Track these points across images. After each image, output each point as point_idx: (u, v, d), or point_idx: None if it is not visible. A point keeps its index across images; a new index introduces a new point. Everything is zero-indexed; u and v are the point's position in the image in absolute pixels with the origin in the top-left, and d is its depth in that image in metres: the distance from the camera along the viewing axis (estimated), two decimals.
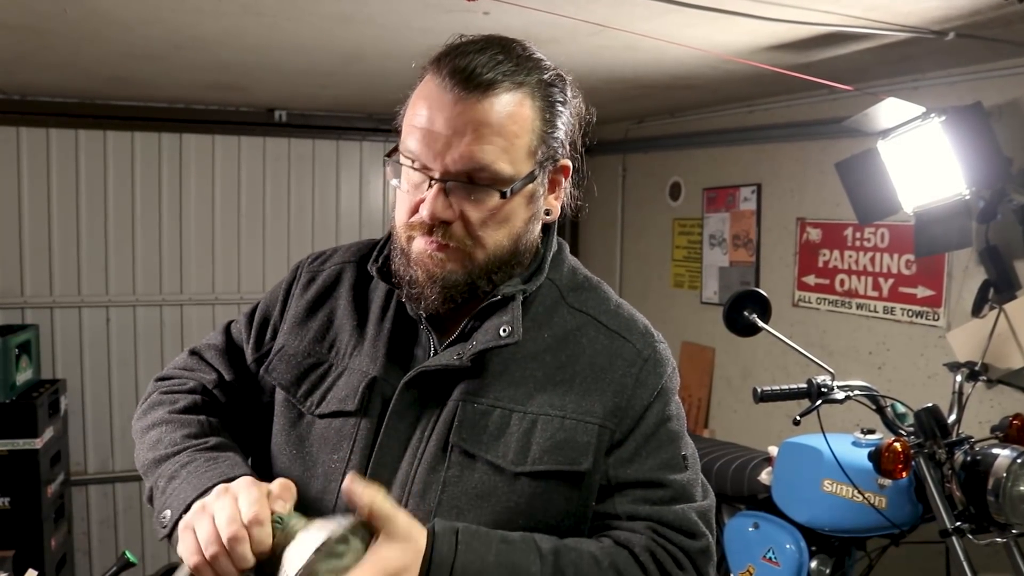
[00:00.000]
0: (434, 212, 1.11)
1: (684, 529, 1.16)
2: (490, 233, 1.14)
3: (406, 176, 1.15)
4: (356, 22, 2.48)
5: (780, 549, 2.65)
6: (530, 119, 1.13)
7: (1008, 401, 2.82)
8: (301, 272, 1.37)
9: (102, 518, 4.48)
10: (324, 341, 1.26)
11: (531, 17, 2.22)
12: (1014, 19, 2.24)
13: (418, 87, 1.16)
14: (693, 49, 2.60)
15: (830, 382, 2.34)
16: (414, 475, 1.14)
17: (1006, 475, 2.15)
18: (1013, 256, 2.81)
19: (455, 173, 1.10)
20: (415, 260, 1.16)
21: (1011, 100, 2.81)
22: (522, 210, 1.17)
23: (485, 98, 1.09)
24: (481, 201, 1.12)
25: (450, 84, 1.09)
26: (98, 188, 4.32)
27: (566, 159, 1.21)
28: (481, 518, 1.11)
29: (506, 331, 1.15)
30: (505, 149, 1.11)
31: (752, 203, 3.96)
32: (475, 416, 1.14)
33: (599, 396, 1.17)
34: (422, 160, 1.11)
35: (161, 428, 1.24)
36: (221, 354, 1.36)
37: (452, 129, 1.09)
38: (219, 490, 1.05)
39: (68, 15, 2.38)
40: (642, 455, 1.18)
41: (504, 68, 1.10)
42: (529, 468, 1.12)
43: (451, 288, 1.15)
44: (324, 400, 1.21)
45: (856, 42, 2.56)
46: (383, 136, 4.84)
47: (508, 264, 1.19)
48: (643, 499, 1.16)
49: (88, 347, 4.39)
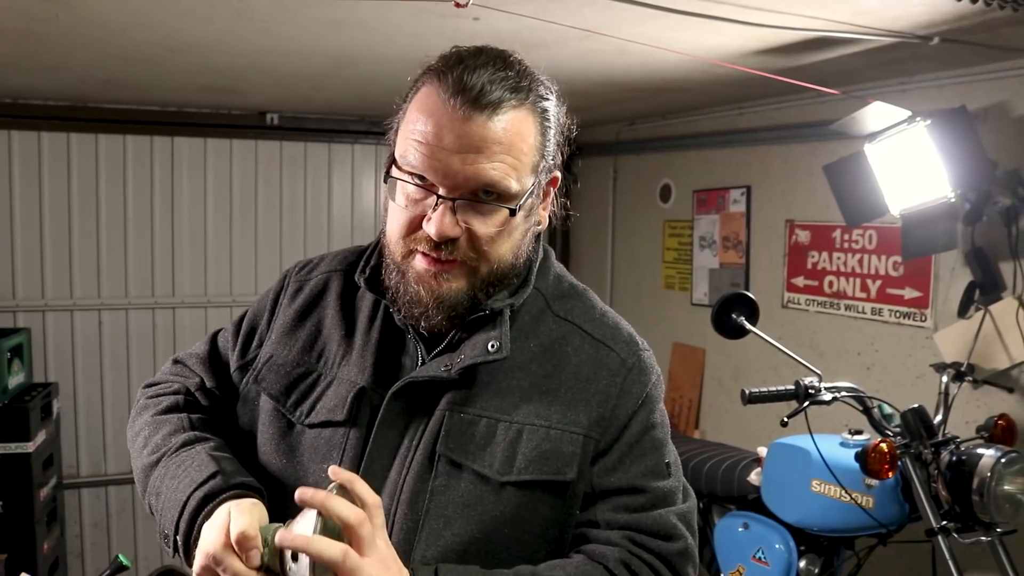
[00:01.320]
0: (443, 230, 1.10)
1: (661, 533, 1.17)
2: (495, 248, 1.15)
3: (404, 191, 1.15)
4: (348, 26, 2.50)
5: (770, 549, 2.68)
6: (533, 135, 1.14)
7: (993, 401, 2.85)
8: (289, 281, 1.37)
9: (95, 521, 4.48)
10: (313, 351, 1.27)
11: (521, 22, 2.24)
12: (998, 24, 2.27)
13: (415, 98, 1.15)
14: (682, 54, 2.62)
15: (817, 383, 2.37)
16: (403, 484, 1.15)
17: (990, 475, 2.18)
18: (998, 258, 2.84)
19: (464, 191, 1.10)
20: (417, 279, 1.16)
21: (996, 103, 2.84)
22: (522, 223, 1.18)
23: (494, 116, 1.09)
24: (489, 217, 1.13)
25: (459, 102, 1.08)
26: (90, 191, 4.32)
27: (556, 170, 1.23)
28: (468, 526, 1.13)
29: (494, 347, 1.16)
30: (513, 167, 1.12)
31: (742, 205, 3.98)
32: (462, 426, 1.15)
33: (584, 407, 1.18)
34: (429, 177, 1.11)
35: (145, 432, 1.28)
36: (203, 362, 1.38)
37: (462, 147, 1.09)
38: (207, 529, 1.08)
39: (60, 19, 2.38)
40: (626, 463, 1.19)
41: (508, 84, 1.11)
42: (515, 478, 1.14)
43: (455, 305, 1.16)
44: (313, 410, 1.22)
45: (843, 46, 2.59)
46: (375, 139, 4.85)
47: (507, 276, 1.20)
48: (623, 507, 1.18)
49: (80, 350, 4.38)
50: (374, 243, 1.30)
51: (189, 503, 1.12)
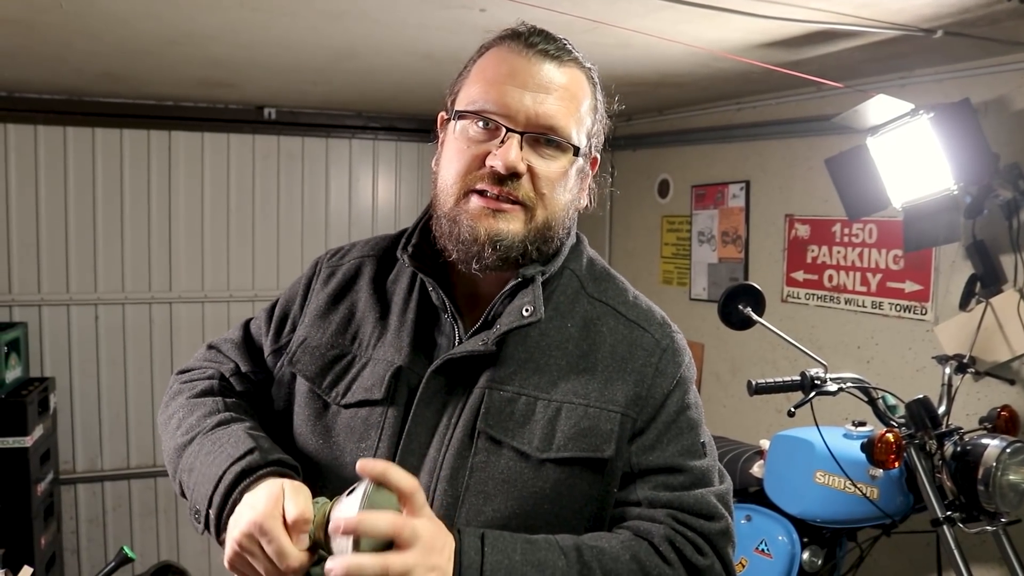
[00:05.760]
0: (510, 161, 1.13)
1: (703, 512, 1.19)
2: (553, 193, 1.19)
3: (465, 133, 1.18)
4: (351, 17, 2.49)
5: (772, 541, 2.68)
6: (588, 97, 1.22)
7: (995, 394, 2.86)
8: (321, 267, 1.39)
9: (91, 517, 4.45)
10: (347, 333, 1.29)
11: (527, 13, 2.23)
12: (1002, 17, 2.28)
13: (480, 60, 1.21)
14: (686, 45, 2.62)
15: (823, 374, 2.37)
16: (442, 461, 1.16)
17: (995, 464, 2.19)
18: (999, 251, 2.85)
19: (535, 127, 1.15)
20: (473, 216, 1.17)
21: (998, 97, 2.85)
22: (574, 183, 1.23)
23: (562, 66, 1.18)
24: (552, 161, 1.17)
25: (531, 51, 1.16)
26: (86, 185, 4.30)
27: (597, 152, 1.27)
28: (508, 502, 1.14)
29: (528, 311, 1.18)
30: (576, 118, 1.19)
31: (741, 200, 3.99)
32: (501, 403, 1.16)
33: (621, 385, 1.20)
34: (500, 112, 1.15)
35: (179, 415, 1.28)
36: (237, 347, 1.40)
37: (533, 86, 1.15)
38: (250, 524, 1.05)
39: (64, 9, 2.37)
40: (663, 442, 1.21)
41: (569, 48, 1.20)
42: (554, 455, 1.15)
43: (510, 247, 1.17)
44: (349, 390, 1.23)
45: (846, 39, 2.60)
46: (372, 134, 4.85)
47: (555, 234, 1.22)
48: (664, 485, 1.19)
49: (76, 345, 4.36)
50: (412, 226, 1.31)
51: (225, 477, 1.12)
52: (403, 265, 1.29)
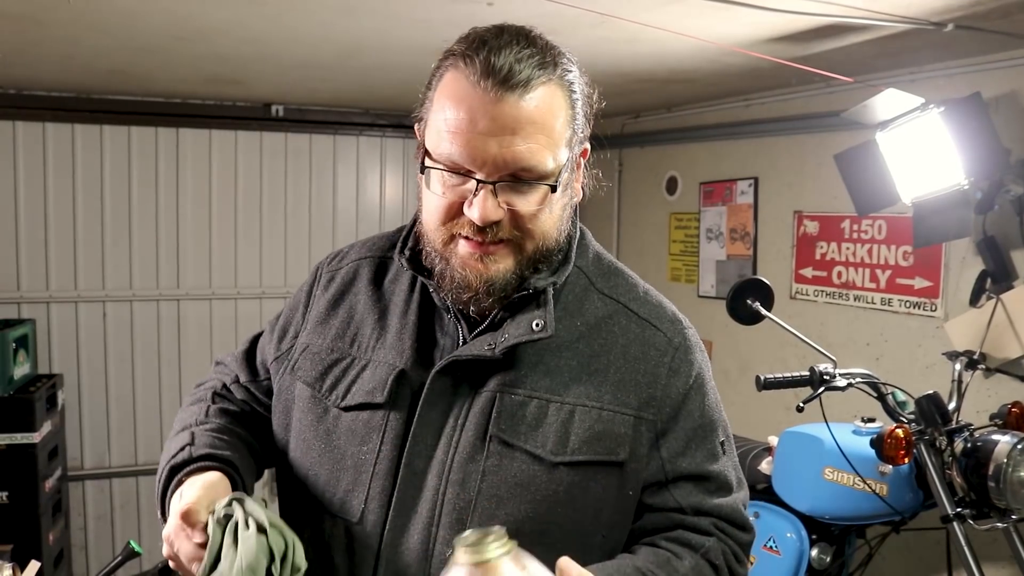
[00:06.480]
0: (486, 215, 1.09)
1: (739, 523, 1.22)
2: (538, 224, 1.15)
3: (440, 179, 1.13)
4: (359, 13, 2.49)
5: (781, 538, 2.67)
6: (564, 109, 1.13)
7: (1005, 390, 2.84)
8: (321, 273, 1.39)
9: (99, 514, 4.46)
10: (345, 337, 1.28)
11: (535, 8, 2.23)
12: (1013, 10, 2.26)
13: (441, 85, 1.13)
14: (694, 39, 2.61)
15: (832, 370, 2.36)
16: (451, 464, 1.15)
17: (1007, 461, 2.17)
18: (1010, 246, 2.83)
19: (503, 173, 1.09)
20: (463, 264, 1.15)
21: (1009, 91, 2.83)
22: (561, 197, 1.17)
23: (525, 95, 1.08)
24: (529, 195, 1.12)
25: (489, 84, 1.07)
26: (94, 182, 4.31)
27: (585, 142, 1.23)
28: (521, 506, 1.13)
29: (539, 325, 1.16)
30: (548, 144, 1.10)
31: (749, 196, 3.97)
32: (513, 407, 1.15)
33: (633, 387, 1.19)
34: (466, 163, 1.09)
35: (176, 426, 1.34)
36: (239, 360, 1.43)
37: (497, 130, 1.07)
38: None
39: (72, 4, 2.37)
40: (692, 448, 1.21)
41: (534, 62, 1.09)
42: (568, 458, 1.14)
43: (505, 286, 1.15)
44: (349, 393, 1.22)
45: (855, 34, 2.58)
46: (380, 131, 4.85)
47: (551, 252, 1.20)
48: (703, 491, 1.21)
49: (84, 342, 4.37)
50: (408, 226, 1.30)
51: (161, 478, 1.19)
52: (402, 266, 1.28)
